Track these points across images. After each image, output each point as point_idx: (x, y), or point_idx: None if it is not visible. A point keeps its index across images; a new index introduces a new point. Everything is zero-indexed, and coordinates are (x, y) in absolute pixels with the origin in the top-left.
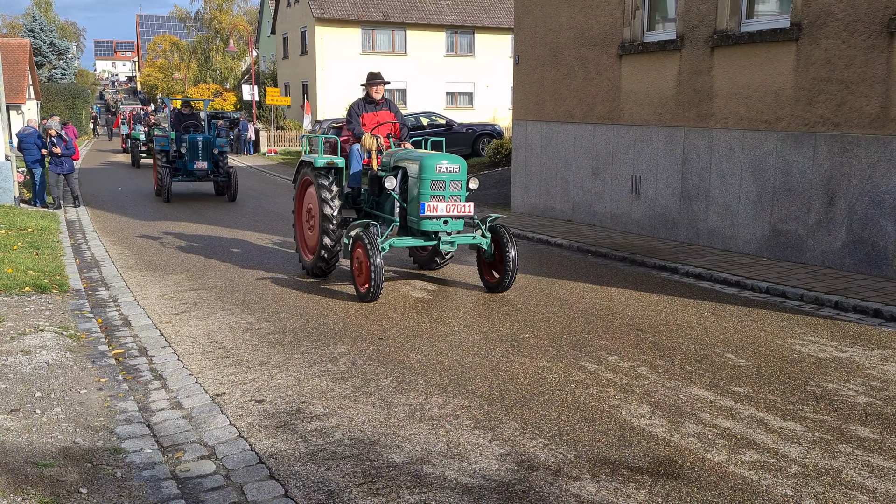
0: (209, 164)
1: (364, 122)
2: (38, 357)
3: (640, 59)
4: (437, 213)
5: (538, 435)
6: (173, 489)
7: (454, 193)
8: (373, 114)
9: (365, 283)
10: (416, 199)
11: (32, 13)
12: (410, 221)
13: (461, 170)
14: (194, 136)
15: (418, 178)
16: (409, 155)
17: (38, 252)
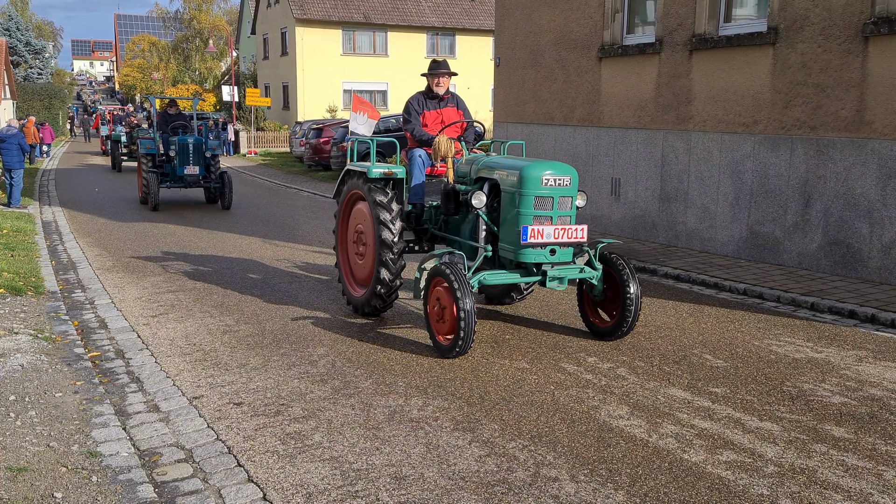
0: (201, 168)
1: (425, 123)
2: (12, 360)
3: (619, 61)
4: (542, 239)
5: (517, 436)
6: (150, 493)
7: (564, 213)
8: (436, 111)
9: (449, 334)
10: (514, 220)
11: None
12: (503, 250)
13: (572, 182)
14: (184, 137)
15: (517, 194)
16: (502, 163)
17: (12, 253)
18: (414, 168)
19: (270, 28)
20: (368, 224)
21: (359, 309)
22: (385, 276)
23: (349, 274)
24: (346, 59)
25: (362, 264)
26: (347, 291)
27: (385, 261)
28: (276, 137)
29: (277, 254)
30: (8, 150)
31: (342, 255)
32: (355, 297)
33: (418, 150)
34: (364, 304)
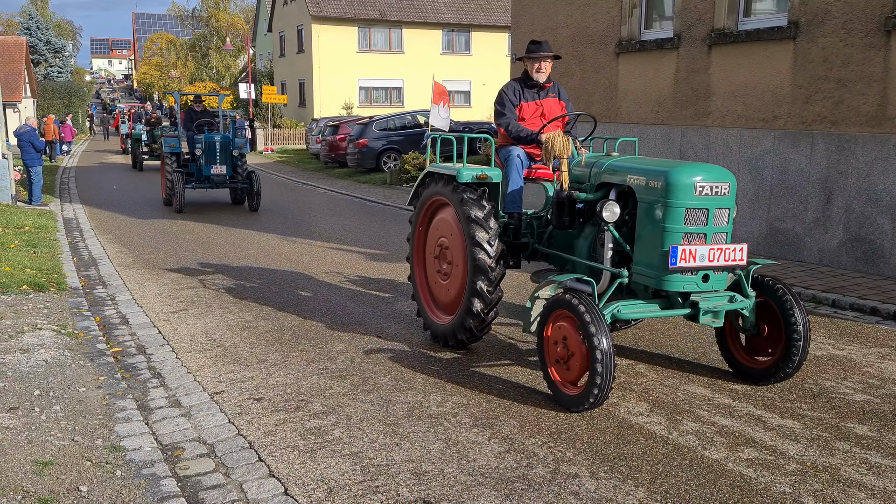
0: (228, 167)
1: (522, 116)
2: (36, 355)
3: (637, 57)
4: (695, 262)
5: (536, 433)
6: (173, 487)
7: (720, 229)
8: (535, 103)
9: (577, 381)
10: (655, 238)
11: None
12: (638, 274)
13: (731, 190)
14: (210, 135)
15: (661, 205)
16: (637, 166)
17: (35, 250)
18: (511, 170)
19: (287, 26)
20: (456, 239)
21: (440, 339)
22: (478, 307)
23: (427, 294)
24: (362, 56)
25: (446, 286)
26: (425, 315)
27: (479, 290)
28: (293, 135)
29: (295, 250)
30: (23, 147)
31: (418, 271)
32: (436, 325)
33: (515, 149)
34: (449, 335)
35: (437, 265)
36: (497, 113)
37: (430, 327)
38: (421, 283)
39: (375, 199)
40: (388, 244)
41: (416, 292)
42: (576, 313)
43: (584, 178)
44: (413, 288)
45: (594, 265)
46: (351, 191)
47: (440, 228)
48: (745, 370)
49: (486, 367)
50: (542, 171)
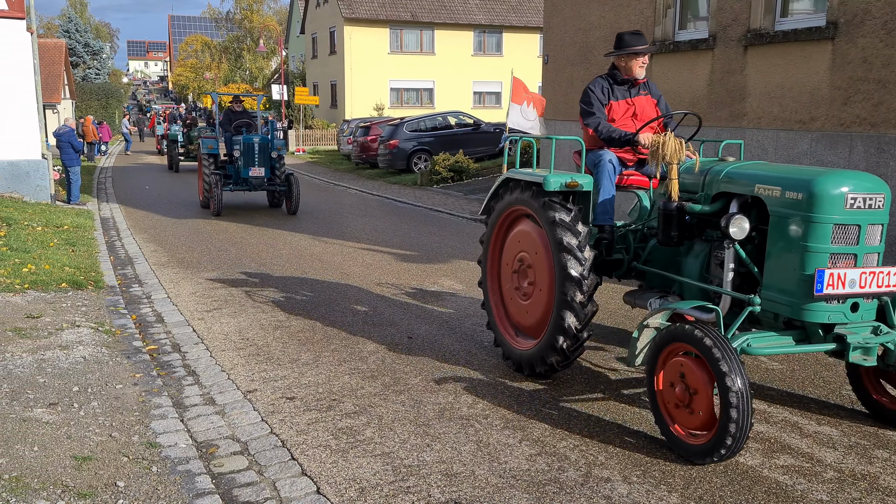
0: (266, 169)
1: (612, 117)
2: (75, 352)
3: (671, 58)
4: (843, 288)
5: (568, 436)
6: (208, 484)
7: (872, 249)
8: (625, 102)
9: (702, 429)
10: (793, 259)
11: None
12: (769, 301)
13: (886, 202)
14: (249, 137)
15: (801, 219)
16: (767, 173)
17: (73, 249)
18: (602, 177)
19: (319, 27)
20: (539, 251)
21: (525, 367)
22: (570, 323)
23: (504, 319)
24: (394, 58)
25: (527, 306)
26: (503, 343)
27: (570, 302)
28: (324, 135)
29: (326, 251)
30: (62, 148)
31: (493, 294)
32: (517, 351)
33: (606, 154)
34: (535, 360)
35: (515, 282)
36: (584, 112)
37: (510, 356)
38: (496, 306)
39: (406, 200)
40: (418, 245)
41: (490, 319)
42: (701, 348)
43: (696, 186)
44: (488, 314)
45: (709, 288)
46: (381, 192)
47: (520, 242)
48: (883, 410)
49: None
50: (634, 178)
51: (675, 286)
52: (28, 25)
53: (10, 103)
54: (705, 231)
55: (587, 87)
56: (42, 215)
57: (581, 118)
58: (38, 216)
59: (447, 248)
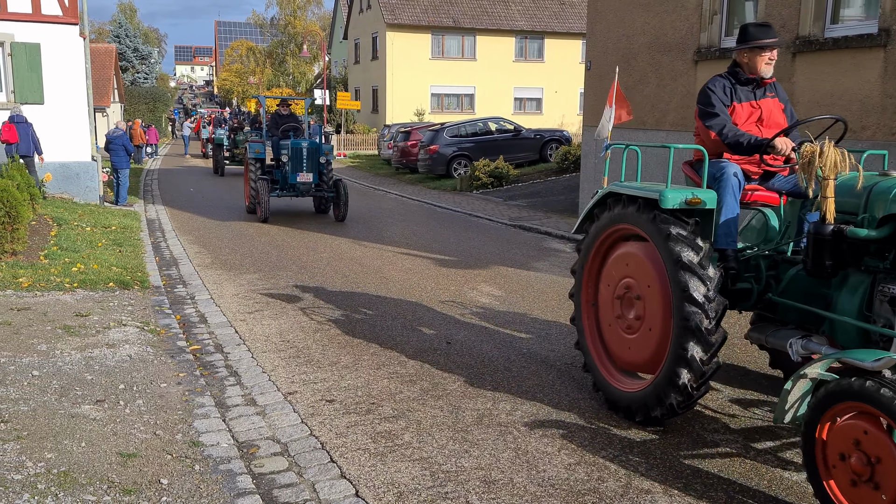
0: (314, 175)
1: (734, 122)
2: (121, 350)
3: (716, 64)
4: None
5: (608, 445)
6: (249, 484)
7: None
8: (749, 104)
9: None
10: None
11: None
12: None
13: None
14: (297, 141)
15: None
16: None
17: (120, 249)
18: (725, 193)
19: (362, 33)
20: (650, 275)
21: (636, 411)
22: (694, 354)
23: (604, 358)
24: (435, 63)
25: (635, 340)
26: (605, 386)
27: (694, 329)
28: (365, 140)
29: (366, 254)
30: (114, 150)
31: (589, 330)
32: (616, 391)
33: (730, 165)
34: (649, 402)
35: (618, 313)
36: (704, 113)
37: (616, 400)
38: (592, 342)
39: (445, 206)
40: (457, 250)
41: (588, 358)
42: (888, 411)
43: (856, 207)
44: (584, 354)
45: (874, 330)
46: (421, 196)
47: (622, 267)
48: None
49: (555, 375)
50: (760, 194)
51: (826, 325)
52: (81, 31)
53: (62, 106)
54: (863, 259)
55: (705, 86)
56: (91, 216)
57: (699, 120)
58: (87, 217)
59: (486, 253)
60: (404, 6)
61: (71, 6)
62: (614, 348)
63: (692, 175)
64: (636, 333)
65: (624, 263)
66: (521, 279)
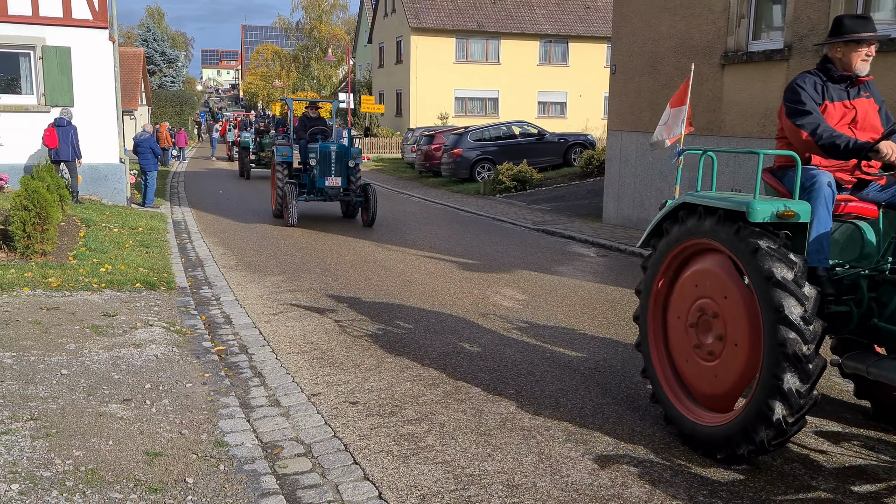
0: (343, 179)
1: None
2: (147, 350)
3: (744, 68)
4: None
5: (632, 451)
6: (273, 484)
7: None
8: (842, 104)
9: None
10: None
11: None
12: None
13: None
14: (326, 144)
15: None
16: None
17: (147, 250)
18: (818, 204)
19: (386, 37)
20: (732, 294)
21: (718, 448)
22: (791, 384)
23: (676, 388)
24: (459, 67)
25: (714, 368)
26: (679, 419)
27: (789, 355)
28: (389, 143)
29: (389, 258)
30: (142, 153)
31: (657, 355)
32: (691, 424)
33: (823, 175)
34: (735, 439)
35: (694, 339)
36: (793, 112)
37: (692, 435)
38: (663, 370)
39: (468, 209)
40: (480, 254)
41: (656, 389)
42: None
43: None
44: (653, 383)
45: None
46: (444, 200)
47: (700, 285)
48: None
49: (579, 380)
50: (853, 206)
51: None
52: (110, 35)
53: (91, 109)
54: None
55: (793, 82)
56: (118, 217)
57: (787, 120)
58: (114, 218)
59: (510, 257)
60: (429, 10)
61: (101, 10)
62: (689, 377)
63: (774, 184)
64: (715, 361)
65: (699, 282)
66: (544, 283)
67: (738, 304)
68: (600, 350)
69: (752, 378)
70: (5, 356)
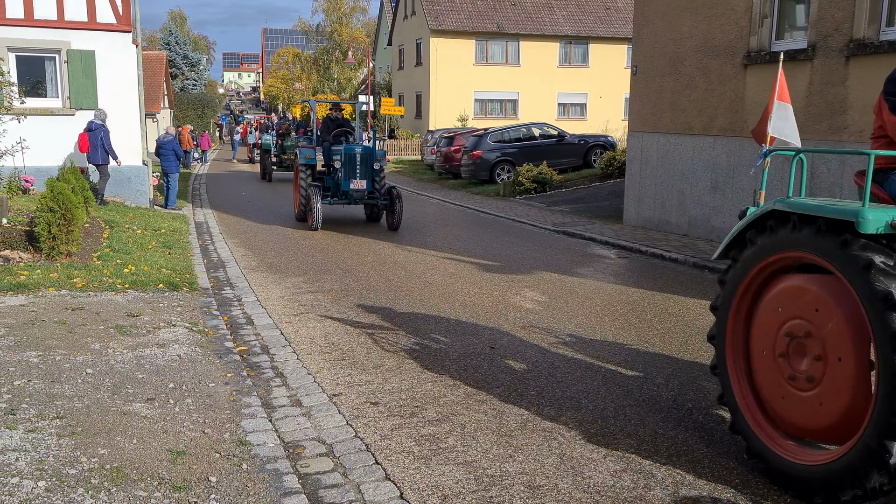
0: (368, 182)
1: None
2: (170, 350)
3: (767, 68)
4: None
5: (654, 453)
6: (295, 484)
7: None
8: None
9: None
10: None
11: (169, 28)
12: None
13: None
14: (351, 146)
15: None
16: None
17: (170, 251)
18: None
19: (406, 39)
20: (833, 313)
21: (816, 491)
22: None
23: (759, 416)
24: (478, 69)
25: (818, 395)
26: (763, 451)
27: None
28: (408, 145)
29: (410, 259)
30: (165, 155)
31: (738, 381)
32: (796, 465)
33: None
34: (839, 481)
35: (785, 368)
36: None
37: (765, 461)
38: (740, 386)
39: (488, 211)
40: (500, 256)
41: (738, 418)
42: None
43: None
44: (732, 412)
45: None
46: (464, 202)
47: (786, 306)
48: None
49: (600, 382)
50: None
51: None
52: (133, 38)
53: (115, 112)
54: None
55: (891, 75)
56: (141, 219)
57: (892, 115)
58: (137, 219)
59: (530, 259)
60: (448, 12)
61: (125, 14)
62: (777, 408)
63: (874, 189)
64: (817, 387)
65: (785, 303)
66: (564, 285)
67: (842, 326)
68: (622, 352)
69: (865, 404)
70: (32, 355)
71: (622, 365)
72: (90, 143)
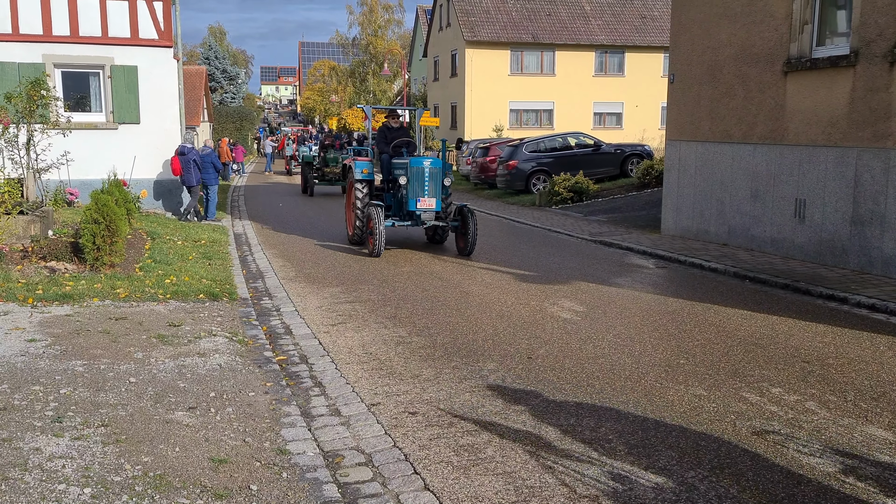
0: (437, 201)
1: None
2: (211, 360)
3: (807, 75)
4: None
5: (697, 466)
6: (335, 493)
7: None
8: None
9: None
10: None
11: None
12: None
13: None
14: (419, 159)
15: None
16: None
17: (210, 262)
18: None
19: (441, 51)
20: None
21: None
22: None
23: None
24: (514, 79)
25: None
26: None
27: None
28: None
29: (446, 269)
30: (204, 167)
31: None
32: None
33: None
34: None
35: None
36: None
37: None
38: None
39: (524, 221)
40: (537, 265)
41: None
42: None
43: None
44: None
45: None
46: (500, 212)
47: None
48: None
49: (640, 393)
50: None
51: None
52: (175, 53)
53: (156, 126)
54: None
55: None
56: (182, 230)
57: None
58: (178, 231)
59: (567, 269)
60: (483, 23)
61: (166, 30)
62: None
63: None
64: None
65: None
66: (602, 295)
67: None
68: (661, 363)
69: None
70: (77, 364)
71: (662, 376)
72: (182, 167)
